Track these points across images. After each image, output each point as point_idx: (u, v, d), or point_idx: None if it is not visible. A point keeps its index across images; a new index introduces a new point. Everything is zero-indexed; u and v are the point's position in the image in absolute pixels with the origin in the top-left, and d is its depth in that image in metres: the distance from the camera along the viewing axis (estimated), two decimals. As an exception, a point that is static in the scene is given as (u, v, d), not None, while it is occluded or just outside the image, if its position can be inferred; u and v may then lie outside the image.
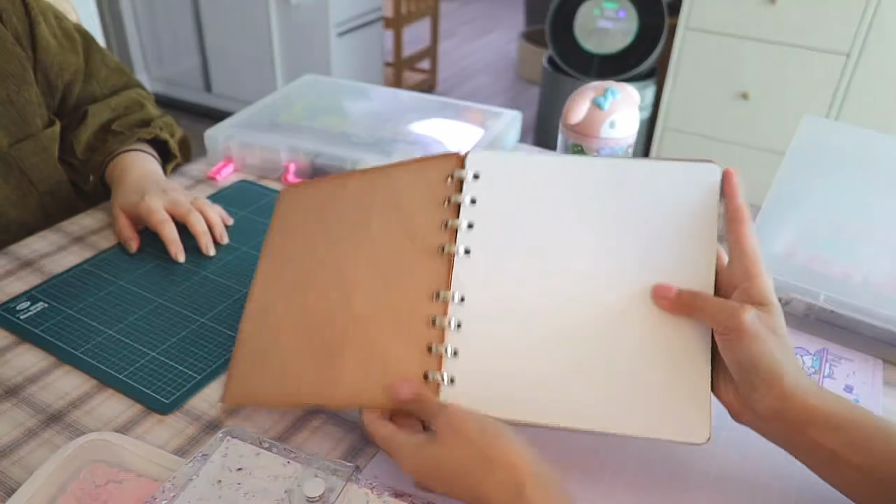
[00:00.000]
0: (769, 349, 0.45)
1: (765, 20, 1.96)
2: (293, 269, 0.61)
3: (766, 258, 0.71)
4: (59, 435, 0.55)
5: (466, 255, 0.54)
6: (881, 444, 0.44)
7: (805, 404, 0.45)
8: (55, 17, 0.85)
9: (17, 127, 0.79)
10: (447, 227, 0.55)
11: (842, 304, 0.65)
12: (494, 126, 0.98)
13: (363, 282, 0.56)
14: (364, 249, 0.57)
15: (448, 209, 0.56)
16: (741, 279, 0.48)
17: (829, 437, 0.44)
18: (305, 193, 0.66)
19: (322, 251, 0.60)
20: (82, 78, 0.88)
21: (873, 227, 0.77)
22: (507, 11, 4.73)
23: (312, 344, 0.55)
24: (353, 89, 1.13)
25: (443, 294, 0.53)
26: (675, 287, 0.49)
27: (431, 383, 0.50)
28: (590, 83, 0.81)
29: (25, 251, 0.77)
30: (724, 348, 0.47)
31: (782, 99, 2.02)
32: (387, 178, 0.60)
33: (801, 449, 0.46)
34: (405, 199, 0.58)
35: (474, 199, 0.55)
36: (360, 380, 0.52)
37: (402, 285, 0.54)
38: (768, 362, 0.45)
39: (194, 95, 3.07)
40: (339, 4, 2.63)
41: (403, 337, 0.52)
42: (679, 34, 2.08)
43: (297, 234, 0.63)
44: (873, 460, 0.43)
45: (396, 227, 0.57)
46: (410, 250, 0.55)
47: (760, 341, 0.45)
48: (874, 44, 1.86)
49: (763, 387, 0.45)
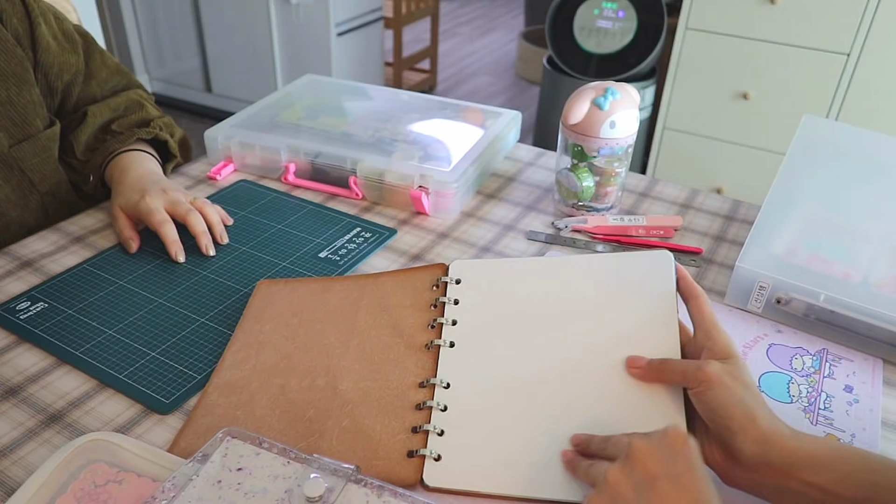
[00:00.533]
0: (738, 395, 0.48)
1: (765, 20, 1.96)
2: (270, 353, 0.62)
3: (766, 258, 0.71)
4: (59, 435, 0.55)
5: (451, 347, 0.60)
6: (869, 475, 0.45)
7: (785, 446, 0.46)
8: (55, 18, 0.85)
9: (17, 128, 0.79)
10: (433, 326, 0.62)
11: (842, 304, 0.65)
12: (494, 126, 0.98)
13: (350, 370, 0.60)
14: (352, 342, 0.62)
15: (434, 311, 0.63)
16: (704, 341, 0.53)
17: (818, 476, 0.45)
18: (285, 289, 0.69)
19: (304, 340, 0.63)
20: (82, 78, 0.88)
21: (873, 228, 0.77)
22: (506, 11, 4.73)
23: (294, 424, 0.56)
24: (353, 89, 1.13)
25: (430, 381, 0.58)
26: (646, 357, 0.54)
27: (417, 458, 0.52)
28: (590, 83, 0.81)
29: (25, 251, 0.77)
30: (697, 402, 0.50)
31: (782, 99, 2.02)
32: (375, 282, 0.68)
33: (794, 494, 0.46)
34: (393, 302, 0.65)
35: (457, 300, 0.63)
36: (343, 453, 0.53)
37: (390, 375, 0.59)
38: (740, 407, 0.47)
39: (194, 95, 3.07)
40: (339, 4, 2.63)
41: (391, 419, 0.56)
42: (679, 34, 2.08)
43: (275, 322, 0.66)
44: (864, 492, 0.44)
45: (384, 325, 0.63)
46: (399, 345, 0.61)
47: (728, 389, 0.48)
48: (874, 44, 1.86)
49: (741, 432, 0.47)
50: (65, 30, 0.86)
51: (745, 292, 0.70)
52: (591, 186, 0.83)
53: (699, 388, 0.49)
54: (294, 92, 1.09)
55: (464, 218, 0.86)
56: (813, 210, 0.79)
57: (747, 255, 0.71)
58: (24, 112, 0.80)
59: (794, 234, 0.76)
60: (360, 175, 0.87)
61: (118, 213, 0.79)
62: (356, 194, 0.88)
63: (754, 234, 0.74)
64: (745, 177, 2.16)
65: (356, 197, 0.89)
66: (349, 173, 0.88)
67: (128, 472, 0.51)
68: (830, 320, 0.67)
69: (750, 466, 0.47)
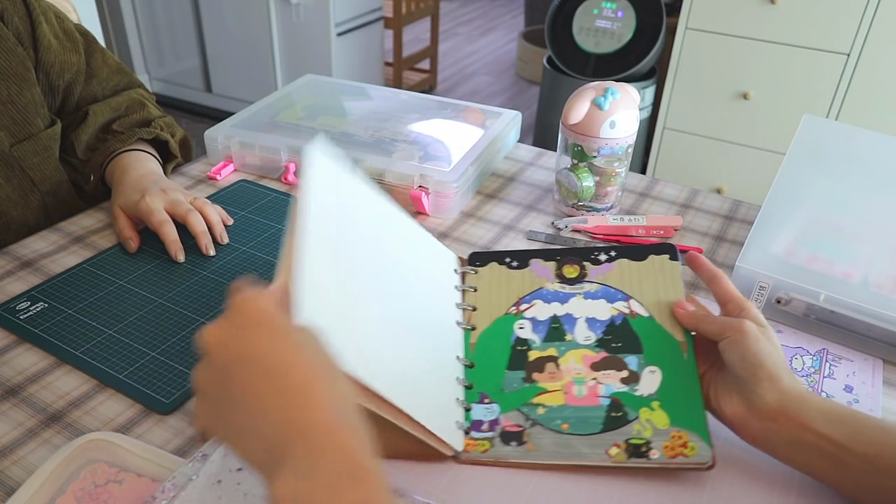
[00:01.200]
0: (769, 350, 0.51)
1: (765, 20, 1.96)
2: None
3: (766, 258, 0.71)
4: (59, 435, 0.55)
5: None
6: (882, 434, 0.47)
7: (804, 399, 0.49)
8: (56, 17, 0.85)
9: (18, 127, 0.79)
10: None
11: (841, 304, 0.65)
12: (494, 126, 0.98)
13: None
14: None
15: None
16: (738, 313, 0.55)
17: (831, 429, 0.47)
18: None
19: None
20: (83, 78, 0.88)
21: (873, 228, 0.77)
22: (506, 11, 4.73)
23: None
24: (354, 89, 1.13)
25: None
26: (692, 306, 0.58)
27: None
28: (590, 83, 0.81)
29: (25, 251, 0.77)
30: (730, 350, 0.52)
31: (782, 99, 2.02)
32: None
33: (807, 447, 0.48)
34: None
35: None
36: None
37: None
38: (770, 360, 0.50)
39: (194, 95, 3.07)
40: (339, 4, 2.63)
41: None
42: (679, 34, 2.08)
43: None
44: (876, 449, 0.46)
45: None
46: None
47: (762, 342, 0.51)
48: (874, 44, 1.86)
49: (766, 379, 0.50)
50: (66, 29, 0.86)
51: (745, 292, 0.70)
52: (591, 186, 0.83)
53: (735, 337, 0.51)
54: (294, 92, 1.09)
55: (464, 218, 0.86)
56: (813, 210, 0.79)
57: (747, 254, 0.71)
58: (25, 111, 0.80)
59: (794, 234, 0.76)
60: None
61: (118, 212, 0.79)
62: (356, 194, 0.88)
63: (754, 233, 0.74)
64: (744, 177, 2.16)
65: (356, 197, 0.89)
66: (349, 173, 0.88)
67: (128, 472, 0.51)
68: (830, 320, 0.67)
69: (768, 415, 0.49)
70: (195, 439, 0.55)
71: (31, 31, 0.80)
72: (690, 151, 2.22)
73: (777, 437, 0.49)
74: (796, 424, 0.48)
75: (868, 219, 0.78)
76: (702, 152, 2.21)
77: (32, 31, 0.80)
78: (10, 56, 0.78)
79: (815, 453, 0.48)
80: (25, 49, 0.80)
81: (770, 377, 0.50)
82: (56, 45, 0.83)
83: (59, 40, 0.84)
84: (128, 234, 0.77)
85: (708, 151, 2.20)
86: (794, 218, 0.77)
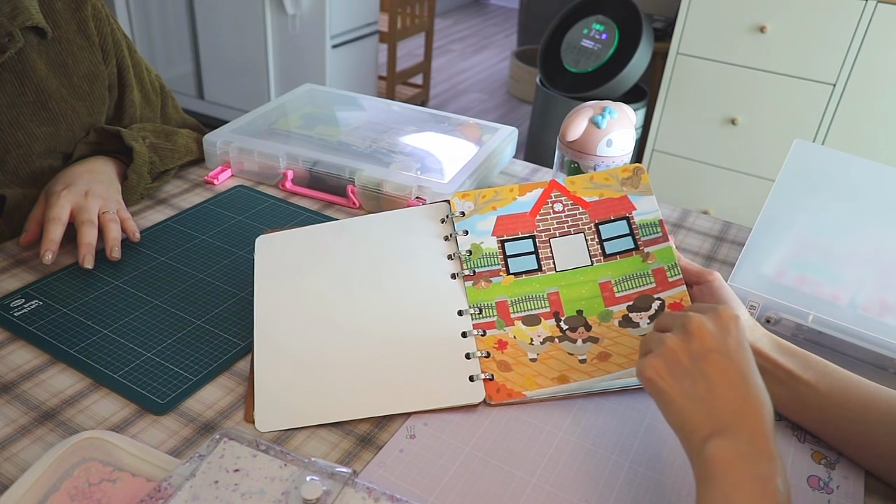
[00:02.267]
0: (732, 294, 0.61)
1: (754, 48, 2.00)
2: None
3: (756, 278, 0.73)
4: (53, 433, 0.55)
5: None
6: (824, 367, 0.57)
7: (767, 335, 0.58)
8: (147, 71, 0.97)
9: (68, 146, 0.86)
10: None
11: (829, 326, 0.67)
12: (491, 141, 0.99)
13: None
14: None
15: None
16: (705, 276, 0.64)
17: (787, 359, 0.57)
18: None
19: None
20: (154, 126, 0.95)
21: (861, 252, 0.79)
22: (500, 30, 4.79)
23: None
24: (351, 100, 1.14)
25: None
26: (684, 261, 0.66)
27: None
28: (588, 102, 0.83)
29: (20, 248, 0.77)
30: (705, 291, 0.62)
31: (769, 125, 2.06)
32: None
33: (765, 373, 0.55)
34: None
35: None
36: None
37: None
38: (734, 301, 0.60)
39: (186, 102, 3.06)
40: (335, 16, 2.65)
41: None
42: (671, 59, 2.12)
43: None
44: (817, 375, 0.56)
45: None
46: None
47: (726, 288, 0.61)
48: (859, 75, 1.91)
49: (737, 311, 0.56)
50: (153, 84, 0.98)
51: (736, 311, 0.71)
52: (586, 203, 0.84)
53: (709, 279, 0.62)
54: (292, 100, 1.10)
55: (459, 230, 0.87)
56: (803, 233, 0.81)
57: (738, 274, 0.72)
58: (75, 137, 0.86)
59: (785, 256, 0.77)
60: (358, 184, 0.88)
61: (41, 198, 0.77)
62: (353, 203, 0.89)
63: (745, 254, 0.75)
64: (731, 200, 2.19)
65: (353, 206, 0.89)
66: (347, 182, 0.89)
67: (122, 472, 0.51)
68: (818, 341, 0.68)
69: None
70: (212, 427, 0.55)
71: (121, 90, 0.92)
72: (679, 174, 2.25)
73: None
74: (758, 354, 0.56)
75: (857, 244, 0.80)
76: (690, 175, 2.24)
77: (121, 91, 0.92)
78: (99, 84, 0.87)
79: (770, 379, 0.55)
80: (111, 91, 0.90)
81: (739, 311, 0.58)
82: (139, 98, 0.95)
83: (144, 93, 0.96)
84: (31, 227, 0.75)
85: (696, 174, 2.23)
86: (785, 240, 0.79)
